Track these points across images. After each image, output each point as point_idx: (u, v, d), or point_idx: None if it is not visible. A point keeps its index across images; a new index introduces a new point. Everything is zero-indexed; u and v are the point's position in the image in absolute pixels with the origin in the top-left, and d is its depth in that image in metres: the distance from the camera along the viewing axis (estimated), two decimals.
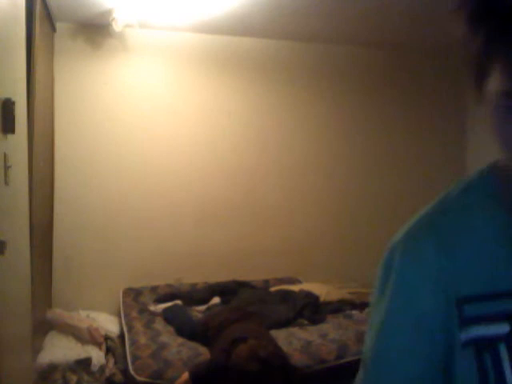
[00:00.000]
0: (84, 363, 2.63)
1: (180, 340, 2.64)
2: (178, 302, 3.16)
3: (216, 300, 3.24)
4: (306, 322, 2.95)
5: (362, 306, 3.28)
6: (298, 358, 2.43)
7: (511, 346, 0.48)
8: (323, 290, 3.33)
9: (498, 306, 0.49)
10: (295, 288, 3.34)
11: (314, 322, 2.95)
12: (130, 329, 2.80)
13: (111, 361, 2.78)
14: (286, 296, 3.18)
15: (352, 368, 2.42)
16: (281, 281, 3.65)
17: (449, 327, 0.51)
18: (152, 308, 3.09)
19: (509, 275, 0.50)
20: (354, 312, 3.15)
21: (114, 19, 3.06)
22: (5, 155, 1.80)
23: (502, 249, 0.52)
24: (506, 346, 0.48)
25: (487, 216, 0.54)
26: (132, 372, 2.32)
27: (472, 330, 0.50)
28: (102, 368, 2.67)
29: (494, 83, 0.48)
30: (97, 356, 2.71)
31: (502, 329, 0.48)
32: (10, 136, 1.87)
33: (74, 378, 2.56)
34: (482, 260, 0.52)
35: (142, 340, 2.61)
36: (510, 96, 0.46)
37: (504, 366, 0.47)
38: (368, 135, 4.03)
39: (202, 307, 3.18)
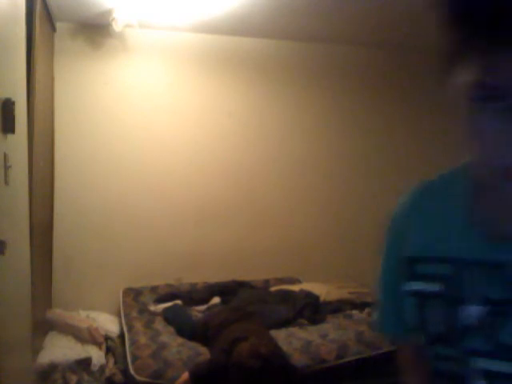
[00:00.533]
0: (84, 363, 2.63)
1: (180, 340, 2.64)
2: (178, 301, 3.16)
3: (216, 300, 3.24)
4: (305, 322, 2.95)
5: (362, 305, 3.28)
6: (297, 358, 2.43)
7: (439, 300, 0.63)
8: (323, 290, 3.33)
9: (438, 268, 0.63)
10: (295, 288, 3.34)
11: (314, 322, 2.95)
12: (130, 329, 2.80)
13: (111, 361, 2.77)
14: (286, 296, 3.18)
15: (352, 368, 2.43)
16: (281, 281, 3.65)
17: (401, 275, 0.69)
18: (152, 308, 3.09)
19: (453, 245, 0.63)
20: (354, 312, 3.15)
21: (114, 19, 3.06)
22: (5, 155, 1.80)
23: (457, 222, 0.64)
24: (434, 300, 0.63)
25: (456, 193, 0.67)
26: (132, 372, 2.32)
27: (416, 284, 0.66)
28: (102, 368, 2.67)
29: (466, 75, 0.52)
30: (97, 356, 2.71)
31: (434, 287, 0.63)
32: (9, 136, 1.87)
33: (73, 378, 2.56)
34: (440, 228, 0.66)
35: (142, 340, 2.61)
36: (481, 87, 0.50)
37: (427, 312, 0.64)
38: (368, 135, 4.03)
39: (202, 307, 3.18)
